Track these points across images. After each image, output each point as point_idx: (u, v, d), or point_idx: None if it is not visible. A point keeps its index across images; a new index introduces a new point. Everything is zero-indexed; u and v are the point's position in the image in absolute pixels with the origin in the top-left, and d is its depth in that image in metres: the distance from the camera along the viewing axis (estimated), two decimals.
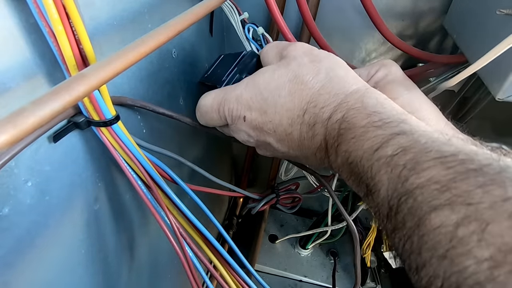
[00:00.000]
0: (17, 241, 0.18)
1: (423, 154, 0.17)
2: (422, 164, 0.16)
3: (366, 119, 0.21)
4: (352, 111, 0.22)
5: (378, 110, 0.21)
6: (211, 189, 0.34)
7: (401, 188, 0.17)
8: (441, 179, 0.15)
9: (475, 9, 0.37)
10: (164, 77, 0.31)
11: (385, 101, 0.22)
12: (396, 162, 0.18)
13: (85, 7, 0.18)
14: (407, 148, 0.18)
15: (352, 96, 0.23)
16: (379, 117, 0.21)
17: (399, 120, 0.20)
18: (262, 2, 0.35)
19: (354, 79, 0.25)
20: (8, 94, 0.15)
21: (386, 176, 0.18)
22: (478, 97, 0.48)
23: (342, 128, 0.22)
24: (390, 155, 0.18)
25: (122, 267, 0.31)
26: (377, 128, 0.20)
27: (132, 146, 0.24)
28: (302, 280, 0.73)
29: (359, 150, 0.20)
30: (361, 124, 0.21)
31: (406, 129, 0.19)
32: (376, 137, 0.20)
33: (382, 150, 0.19)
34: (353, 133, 0.21)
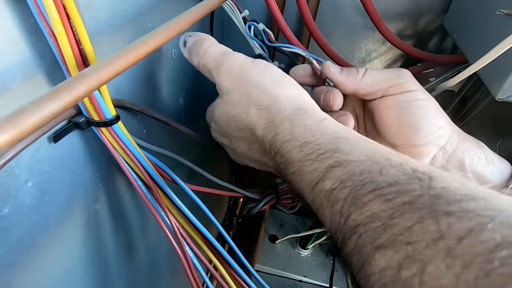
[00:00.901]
0: (18, 241, 0.18)
1: (361, 187, 0.17)
2: (361, 198, 0.16)
3: (300, 153, 0.21)
4: (285, 145, 0.22)
5: (309, 140, 0.21)
6: (211, 189, 0.34)
7: (344, 225, 0.17)
8: (381, 215, 0.15)
9: (475, 9, 0.37)
10: (164, 77, 0.31)
11: (314, 125, 0.22)
12: (336, 197, 0.18)
13: (85, 7, 0.18)
14: (344, 181, 0.18)
15: (281, 128, 0.23)
16: (311, 148, 0.21)
17: (332, 148, 0.20)
18: (262, 3, 0.35)
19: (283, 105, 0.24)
20: (8, 94, 0.15)
21: (328, 211, 0.18)
22: (478, 97, 0.48)
23: (281, 163, 0.23)
24: (329, 189, 0.18)
25: (122, 267, 0.31)
26: (312, 161, 0.20)
27: (132, 146, 0.24)
28: (302, 280, 0.73)
29: (301, 184, 0.21)
30: (297, 159, 0.21)
31: (341, 159, 0.19)
32: (313, 171, 0.20)
33: (321, 184, 0.19)
34: (292, 167, 0.21)
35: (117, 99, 0.24)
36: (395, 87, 0.29)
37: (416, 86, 0.29)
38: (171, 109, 0.34)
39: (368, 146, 0.20)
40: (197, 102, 0.41)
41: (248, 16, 0.35)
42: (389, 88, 0.29)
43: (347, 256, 0.16)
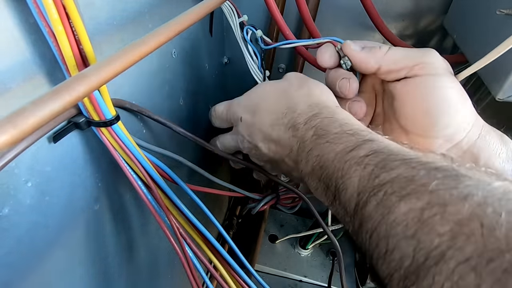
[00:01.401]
0: (17, 241, 0.18)
1: (392, 157, 0.19)
2: (391, 163, 0.19)
3: (339, 128, 0.24)
4: (326, 120, 0.25)
5: (349, 122, 0.24)
6: (211, 189, 0.34)
7: (372, 183, 0.19)
8: (407, 175, 0.18)
9: (475, 9, 0.37)
10: (164, 77, 0.31)
11: (353, 119, 0.26)
12: (368, 162, 0.20)
13: (85, 7, 0.18)
14: (377, 151, 0.20)
15: (325, 109, 0.26)
16: (350, 127, 0.24)
17: (368, 131, 0.23)
18: (262, 4, 0.35)
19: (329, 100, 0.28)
20: (8, 94, 0.15)
21: (358, 173, 0.20)
22: (478, 97, 0.48)
23: (315, 134, 0.25)
24: (362, 155, 0.21)
25: (122, 267, 0.31)
26: (350, 135, 0.23)
27: (132, 146, 0.24)
28: (302, 280, 0.73)
29: (331, 152, 0.23)
30: (335, 131, 0.24)
31: (375, 137, 0.22)
32: (349, 141, 0.22)
33: (355, 151, 0.21)
34: (326, 137, 0.24)
35: (117, 99, 0.24)
36: (421, 65, 0.27)
37: (442, 69, 0.28)
38: (171, 109, 0.34)
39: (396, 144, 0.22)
40: (197, 102, 0.41)
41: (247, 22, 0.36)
42: (414, 67, 0.27)
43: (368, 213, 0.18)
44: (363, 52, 0.29)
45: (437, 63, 0.28)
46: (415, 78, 0.28)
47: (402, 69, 0.28)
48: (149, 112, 0.27)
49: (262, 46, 0.35)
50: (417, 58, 0.28)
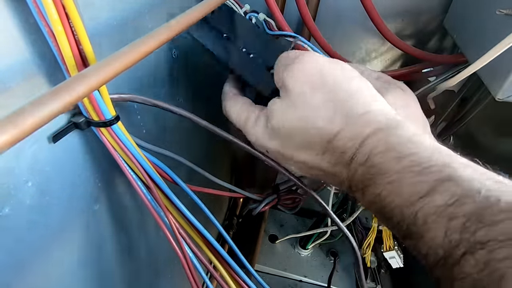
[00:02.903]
0: (17, 241, 0.18)
1: (487, 206, 0.16)
2: (488, 217, 0.16)
3: (398, 164, 0.19)
4: (377, 156, 0.20)
5: (409, 152, 0.19)
6: (211, 189, 0.34)
7: (470, 239, 0.16)
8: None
9: (475, 9, 0.37)
10: (164, 77, 0.31)
11: (412, 137, 0.20)
12: (453, 213, 0.17)
13: (84, 7, 0.18)
14: (462, 197, 0.17)
15: (372, 139, 0.21)
16: (413, 160, 0.19)
17: (439, 163, 0.18)
18: (263, 3, 0.35)
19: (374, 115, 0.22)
20: (8, 94, 0.15)
21: (440, 226, 0.17)
22: (478, 97, 0.48)
23: (369, 173, 0.21)
24: (442, 204, 0.17)
25: (122, 267, 0.31)
26: (416, 174, 0.19)
27: (131, 147, 0.24)
28: (302, 280, 0.73)
29: (396, 197, 0.19)
30: (395, 170, 0.19)
31: (451, 174, 0.18)
32: (418, 184, 0.18)
33: (429, 198, 0.18)
34: (387, 178, 0.20)
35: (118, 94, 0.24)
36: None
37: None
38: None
39: (477, 166, 0.19)
40: (196, 102, 0.41)
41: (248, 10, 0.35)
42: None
43: (467, 271, 0.16)
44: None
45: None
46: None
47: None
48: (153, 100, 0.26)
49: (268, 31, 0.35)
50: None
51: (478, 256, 0.15)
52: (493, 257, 0.15)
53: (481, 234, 0.16)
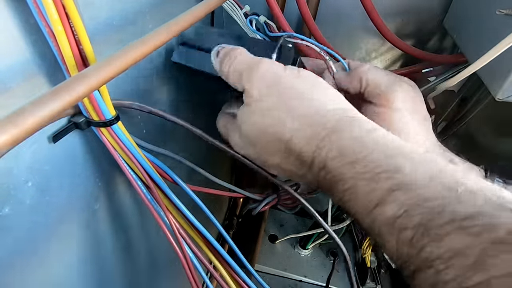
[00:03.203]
0: (17, 241, 0.18)
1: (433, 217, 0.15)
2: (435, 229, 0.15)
3: (352, 170, 0.19)
4: (332, 161, 0.20)
5: (360, 156, 0.19)
6: (211, 189, 0.34)
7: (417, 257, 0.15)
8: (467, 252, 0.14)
9: (475, 9, 0.37)
10: (164, 77, 0.31)
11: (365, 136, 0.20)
12: (402, 225, 0.16)
13: (84, 7, 0.18)
14: (410, 208, 0.16)
15: (326, 141, 0.21)
16: (365, 165, 0.19)
17: (390, 168, 0.18)
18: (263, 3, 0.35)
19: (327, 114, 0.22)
20: (8, 94, 0.15)
21: (393, 239, 0.17)
22: (478, 97, 0.48)
23: (328, 179, 0.21)
24: (392, 216, 0.17)
25: (122, 266, 0.31)
26: (368, 181, 0.18)
27: (131, 147, 0.24)
28: (302, 280, 0.73)
29: (355, 205, 0.19)
30: (349, 175, 0.19)
31: (402, 181, 0.17)
32: (370, 193, 0.18)
33: (380, 208, 0.17)
34: (344, 185, 0.19)
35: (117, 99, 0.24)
36: (381, 96, 0.29)
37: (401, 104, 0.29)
38: (171, 109, 0.34)
39: (431, 165, 0.18)
40: (197, 103, 0.41)
41: (249, 11, 0.35)
42: (377, 95, 0.29)
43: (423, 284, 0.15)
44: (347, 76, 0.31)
45: (397, 99, 0.29)
46: (376, 108, 0.29)
47: (370, 94, 0.30)
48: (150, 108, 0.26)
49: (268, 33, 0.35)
50: (382, 90, 0.29)
51: (427, 276, 0.15)
52: (440, 279, 0.14)
53: (428, 250, 0.15)
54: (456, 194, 0.16)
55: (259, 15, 0.34)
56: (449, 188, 0.16)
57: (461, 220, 0.15)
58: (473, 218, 0.14)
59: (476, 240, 0.14)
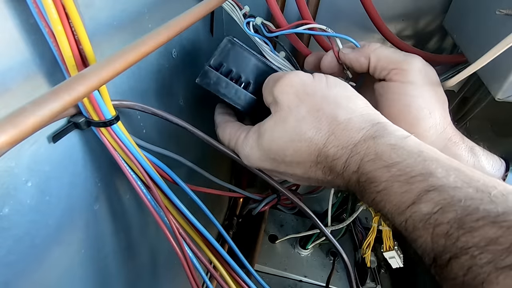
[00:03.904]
0: (17, 241, 0.18)
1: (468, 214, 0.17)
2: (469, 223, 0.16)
3: (387, 173, 0.20)
4: (367, 165, 0.21)
5: (396, 161, 0.20)
6: (211, 189, 0.34)
7: (453, 246, 0.17)
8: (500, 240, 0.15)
9: (475, 9, 0.37)
10: (164, 77, 0.31)
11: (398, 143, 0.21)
12: (438, 221, 0.18)
13: (84, 7, 0.18)
14: (445, 206, 0.18)
15: (361, 146, 0.22)
16: (400, 169, 0.20)
17: (423, 172, 0.19)
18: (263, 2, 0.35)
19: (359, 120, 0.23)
20: (8, 94, 0.15)
21: (428, 233, 0.18)
22: (478, 97, 0.48)
23: (362, 181, 0.21)
24: (427, 212, 0.18)
25: (122, 267, 0.31)
26: (402, 183, 0.19)
27: (131, 147, 0.24)
28: (302, 280, 0.73)
29: (387, 205, 0.20)
30: (383, 179, 0.20)
31: (435, 183, 0.18)
32: (404, 193, 0.19)
33: (416, 206, 0.19)
34: (377, 187, 0.20)
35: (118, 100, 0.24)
36: (396, 71, 0.28)
37: (418, 77, 0.28)
38: (171, 109, 0.34)
39: (462, 170, 0.19)
40: (196, 102, 0.41)
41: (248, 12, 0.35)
42: (391, 70, 0.28)
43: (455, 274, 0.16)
44: (354, 52, 0.31)
45: (412, 70, 0.28)
46: (389, 82, 0.29)
47: (383, 69, 0.29)
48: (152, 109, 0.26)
49: (266, 34, 0.35)
50: (396, 63, 0.28)
51: (462, 261, 0.16)
52: (475, 263, 0.16)
53: (463, 240, 0.16)
54: (489, 196, 0.17)
55: (255, 17, 0.34)
56: (482, 191, 0.18)
57: (494, 217, 0.16)
58: (504, 215, 0.16)
59: (507, 231, 0.15)
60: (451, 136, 0.29)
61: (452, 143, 0.29)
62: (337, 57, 0.32)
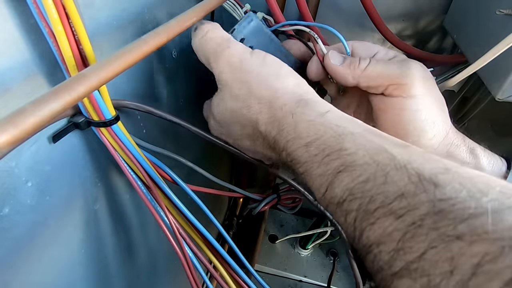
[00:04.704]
0: (17, 241, 0.18)
1: (369, 200, 0.17)
2: (371, 213, 0.17)
3: (306, 153, 0.21)
4: (289, 144, 0.22)
5: (313, 138, 0.20)
6: (211, 189, 0.34)
7: (359, 242, 0.17)
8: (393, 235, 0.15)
9: (475, 9, 0.37)
10: (164, 77, 0.31)
11: (317, 119, 0.21)
12: (348, 209, 0.18)
13: (85, 7, 0.18)
14: (352, 191, 0.18)
15: (284, 122, 0.22)
16: (316, 147, 0.20)
17: (337, 147, 0.19)
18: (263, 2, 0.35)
19: (285, 98, 0.23)
20: (8, 94, 0.15)
21: (342, 221, 0.18)
22: (478, 97, 0.48)
23: (289, 161, 0.22)
24: (339, 200, 0.18)
25: (122, 267, 0.31)
26: (318, 163, 0.20)
27: (131, 147, 0.24)
28: (302, 280, 0.73)
29: (311, 187, 0.21)
30: (303, 159, 0.21)
31: (346, 160, 0.19)
32: (321, 176, 0.19)
33: (330, 192, 0.19)
34: (300, 168, 0.21)
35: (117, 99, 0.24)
36: (395, 86, 0.27)
37: (418, 90, 0.27)
38: (171, 109, 0.34)
39: (374, 141, 0.19)
40: (197, 102, 0.41)
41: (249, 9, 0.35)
42: (388, 86, 0.28)
43: (370, 269, 0.17)
44: (342, 67, 0.29)
45: (411, 84, 0.27)
46: (389, 98, 0.28)
47: (379, 86, 0.28)
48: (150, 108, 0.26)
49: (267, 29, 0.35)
50: (393, 79, 0.27)
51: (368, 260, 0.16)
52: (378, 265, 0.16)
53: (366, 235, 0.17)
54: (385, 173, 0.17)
55: (256, 12, 0.34)
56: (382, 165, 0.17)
57: (389, 204, 0.16)
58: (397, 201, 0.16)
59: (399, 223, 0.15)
60: (453, 140, 0.29)
61: (454, 146, 0.29)
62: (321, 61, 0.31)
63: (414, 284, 0.14)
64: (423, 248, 0.14)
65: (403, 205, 0.16)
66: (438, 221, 0.14)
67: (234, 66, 0.25)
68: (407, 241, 0.15)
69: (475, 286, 0.12)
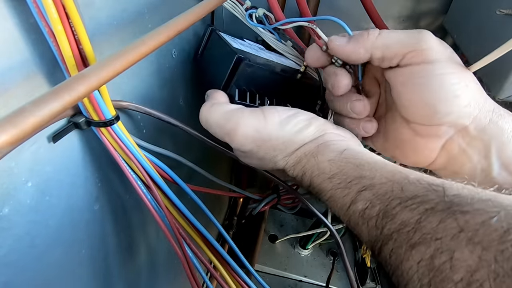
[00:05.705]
0: (17, 241, 0.18)
1: (388, 203, 0.20)
2: (390, 211, 0.20)
3: (330, 183, 0.24)
4: (315, 179, 0.25)
5: (335, 172, 0.24)
6: (211, 189, 0.34)
7: (381, 234, 0.20)
8: (410, 221, 0.18)
9: (475, 9, 0.37)
10: (164, 77, 0.31)
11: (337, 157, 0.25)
12: (369, 215, 0.21)
13: (85, 7, 0.18)
14: (373, 201, 0.21)
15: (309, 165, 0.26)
16: (339, 178, 0.24)
17: (357, 176, 0.23)
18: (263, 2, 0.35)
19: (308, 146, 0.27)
20: (8, 94, 0.15)
21: (365, 227, 0.21)
22: None
23: (315, 192, 0.26)
24: (361, 209, 0.22)
25: (122, 267, 0.31)
26: (342, 189, 0.23)
27: (131, 147, 0.24)
28: (302, 280, 0.73)
29: (335, 208, 0.24)
30: (328, 188, 0.24)
31: (366, 184, 0.22)
32: (345, 197, 0.23)
33: (353, 206, 0.22)
34: (325, 195, 0.25)
35: (117, 100, 0.24)
36: (413, 53, 0.25)
37: (440, 54, 0.25)
38: (171, 109, 0.34)
39: (387, 168, 0.22)
40: (197, 102, 0.41)
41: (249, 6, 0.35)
42: (406, 55, 0.25)
43: (385, 259, 0.19)
44: (350, 44, 0.27)
45: (432, 49, 0.25)
46: (409, 67, 0.26)
47: (394, 57, 0.26)
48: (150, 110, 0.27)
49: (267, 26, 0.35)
50: (410, 45, 0.25)
51: (389, 246, 0.19)
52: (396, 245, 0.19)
53: (387, 228, 0.20)
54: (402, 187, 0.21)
55: (257, 8, 0.34)
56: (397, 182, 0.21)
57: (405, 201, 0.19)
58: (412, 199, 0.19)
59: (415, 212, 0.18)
60: (494, 108, 0.26)
61: (497, 115, 0.26)
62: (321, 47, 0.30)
63: (427, 249, 0.17)
64: (436, 223, 0.17)
65: (417, 201, 0.19)
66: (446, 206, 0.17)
67: (253, 138, 0.27)
68: (422, 221, 0.18)
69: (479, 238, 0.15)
